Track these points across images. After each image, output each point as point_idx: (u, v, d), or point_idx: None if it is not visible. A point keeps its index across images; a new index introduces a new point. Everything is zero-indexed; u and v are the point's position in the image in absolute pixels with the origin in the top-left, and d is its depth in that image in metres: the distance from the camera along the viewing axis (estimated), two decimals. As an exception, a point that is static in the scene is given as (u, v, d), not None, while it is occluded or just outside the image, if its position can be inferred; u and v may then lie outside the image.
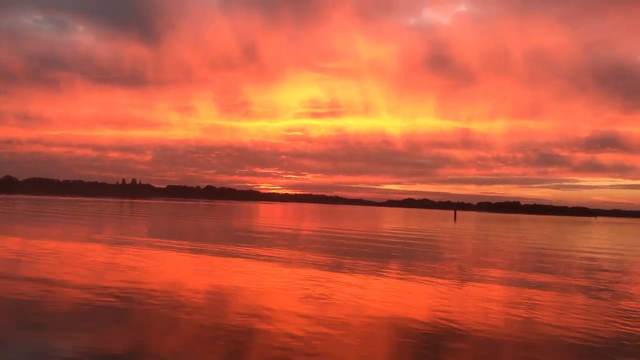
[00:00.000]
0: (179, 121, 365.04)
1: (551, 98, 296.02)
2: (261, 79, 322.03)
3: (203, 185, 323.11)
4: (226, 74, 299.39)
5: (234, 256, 20.43)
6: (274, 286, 13.92)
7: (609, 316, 11.84)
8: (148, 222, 43.78)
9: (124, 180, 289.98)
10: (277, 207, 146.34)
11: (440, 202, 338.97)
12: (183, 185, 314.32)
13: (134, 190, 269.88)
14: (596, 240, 46.49)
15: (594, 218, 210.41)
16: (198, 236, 30.14)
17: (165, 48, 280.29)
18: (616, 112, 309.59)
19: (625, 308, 12.93)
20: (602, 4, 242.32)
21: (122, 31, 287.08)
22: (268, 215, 75.72)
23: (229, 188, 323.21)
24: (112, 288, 12.59)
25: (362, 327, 9.81)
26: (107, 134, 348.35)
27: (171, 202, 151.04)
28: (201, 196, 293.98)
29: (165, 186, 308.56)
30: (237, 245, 24.86)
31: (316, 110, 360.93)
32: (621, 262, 25.74)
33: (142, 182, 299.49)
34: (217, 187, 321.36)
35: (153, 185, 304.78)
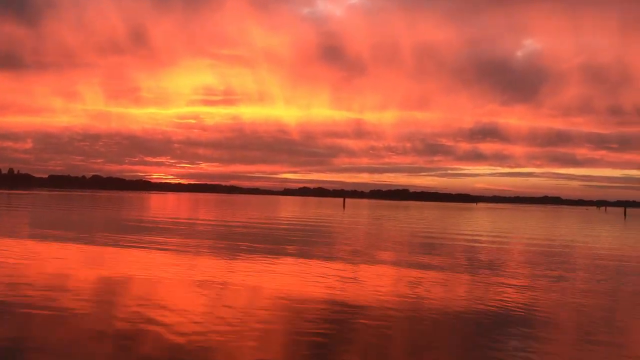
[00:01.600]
0: (63, 107, 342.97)
1: (437, 91, 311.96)
2: (151, 64, 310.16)
3: (90, 175, 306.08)
4: (113, 58, 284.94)
5: (125, 247, 19.65)
6: (168, 276, 13.58)
7: (488, 292, 12.79)
8: (26, 214, 40.82)
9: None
10: (170, 198, 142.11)
11: (334, 190, 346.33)
12: (67, 175, 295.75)
13: (10, 181, 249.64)
14: (477, 224, 49.84)
15: (475, 204, 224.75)
16: (85, 228, 28.61)
17: (45, 29, 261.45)
18: (496, 104, 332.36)
19: (502, 283, 14.03)
20: (484, 2, 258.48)
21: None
22: (161, 206, 73.38)
23: (117, 178, 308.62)
24: (-12, 283, 11.66)
25: (260, 313, 9.86)
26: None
27: (54, 193, 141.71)
28: (87, 186, 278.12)
29: (47, 176, 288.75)
30: (128, 236, 23.92)
31: (210, 98, 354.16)
32: (499, 243, 27.82)
33: (20, 172, 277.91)
34: (105, 176, 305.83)
35: (33, 175, 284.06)
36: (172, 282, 12.78)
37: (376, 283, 13.45)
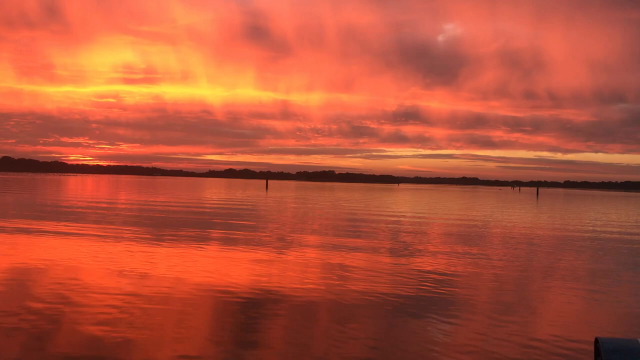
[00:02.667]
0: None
1: (362, 73, 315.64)
2: (66, 40, 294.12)
3: (3, 156, 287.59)
4: (24, 32, 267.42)
5: (39, 233, 18.66)
6: (85, 262, 13.03)
7: (409, 269, 13.18)
8: None
9: None
10: (89, 180, 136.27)
11: (261, 172, 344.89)
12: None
13: None
14: (399, 205, 51.19)
15: (397, 185, 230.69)
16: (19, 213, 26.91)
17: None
18: (418, 87, 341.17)
19: (423, 261, 14.50)
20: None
21: None
22: (78, 189, 70.22)
23: (30, 159, 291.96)
24: None
25: (182, 299, 9.65)
26: None
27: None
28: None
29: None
30: (42, 221, 22.73)
31: (130, 76, 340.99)
32: (420, 223, 28.71)
33: None
34: (16, 158, 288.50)
35: None
36: (89, 270, 12.27)
37: (300, 267, 13.53)
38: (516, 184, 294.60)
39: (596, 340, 2.00)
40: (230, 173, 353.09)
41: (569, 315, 9.26)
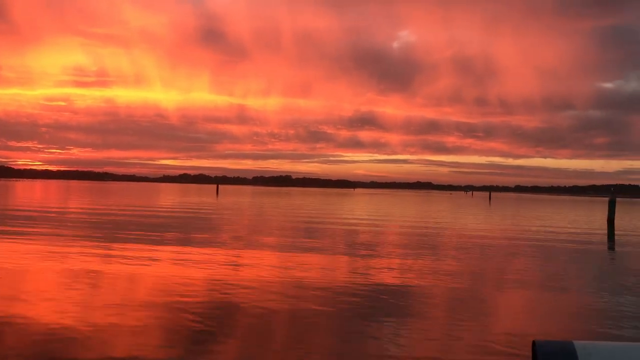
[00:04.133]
0: None
1: (319, 78, 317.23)
2: (13, 40, 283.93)
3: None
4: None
5: (-19, 240, 17.85)
6: (35, 267, 12.53)
7: (364, 274, 13.23)
8: None
9: None
10: (37, 185, 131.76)
11: (216, 177, 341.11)
12: None
13: None
14: (354, 209, 51.56)
15: (353, 190, 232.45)
16: None
17: None
18: (373, 93, 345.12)
19: (378, 265, 14.59)
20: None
21: None
22: (26, 194, 67.77)
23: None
24: None
25: (136, 309, 9.39)
26: None
27: None
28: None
29: None
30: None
31: (81, 79, 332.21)
32: (374, 226, 28.96)
33: None
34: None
35: None
36: (40, 273, 11.82)
37: (255, 271, 13.40)
38: (469, 188, 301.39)
39: (533, 343, 2.04)
40: (184, 178, 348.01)
41: (516, 318, 9.50)
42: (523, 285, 12.42)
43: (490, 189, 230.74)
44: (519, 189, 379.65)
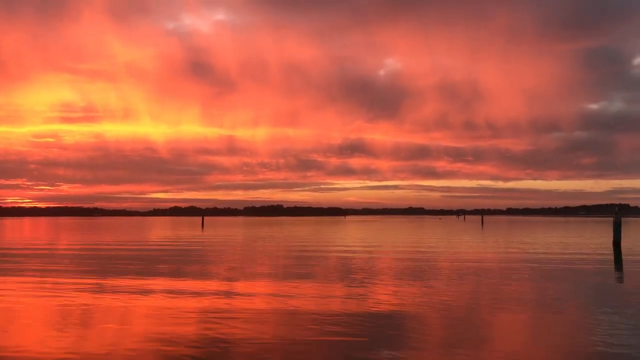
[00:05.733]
0: None
1: (307, 107, 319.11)
2: (0, 79, 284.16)
3: None
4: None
5: (-31, 280, 17.54)
6: (24, 305, 12.27)
7: (358, 301, 13.09)
8: None
9: None
10: (26, 223, 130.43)
11: (207, 208, 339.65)
12: None
13: None
14: (345, 237, 51.32)
15: (344, 217, 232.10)
16: None
17: None
18: (362, 121, 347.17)
19: (371, 291, 14.45)
20: (345, 22, 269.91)
21: None
22: (14, 233, 67.01)
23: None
24: None
25: (130, 342, 9.20)
26: None
27: None
28: None
29: None
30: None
31: (69, 115, 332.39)
32: (367, 253, 28.77)
33: None
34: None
35: None
36: (28, 311, 11.58)
37: (246, 301, 13.23)
38: (461, 212, 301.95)
39: None
40: (175, 211, 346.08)
41: (515, 345, 9.39)
42: (522, 312, 12.31)
43: (482, 212, 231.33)
44: (511, 211, 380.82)
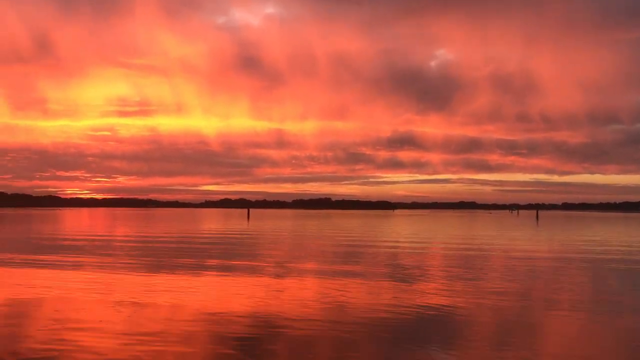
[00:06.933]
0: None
1: (355, 100, 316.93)
2: (59, 74, 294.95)
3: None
4: (16, 67, 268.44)
5: (36, 266, 18.31)
6: (82, 296, 12.71)
7: (409, 296, 12.89)
8: None
9: None
10: (84, 214, 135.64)
11: (257, 201, 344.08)
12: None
13: None
14: (395, 231, 50.84)
15: (392, 211, 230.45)
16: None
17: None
18: (412, 113, 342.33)
19: (422, 287, 14.20)
20: (395, 13, 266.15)
21: None
22: (73, 223, 69.74)
23: (23, 194, 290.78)
24: None
25: (180, 332, 9.36)
26: None
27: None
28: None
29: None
30: (38, 255, 22.37)
31: (125, 109, 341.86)
32: (417, 252, 28.38)
33: None
34: (10, 193, 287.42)
35: None
36: (88, 302, 11.98)
37: (297, 300, 13.22)
38: (515, 207, 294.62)
39: None
40: (226, 203, 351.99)
41: (570, 347, 9.01)
42: (579, 311, 11.83)
43: (536, 207, 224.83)
44: (567, 206, 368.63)
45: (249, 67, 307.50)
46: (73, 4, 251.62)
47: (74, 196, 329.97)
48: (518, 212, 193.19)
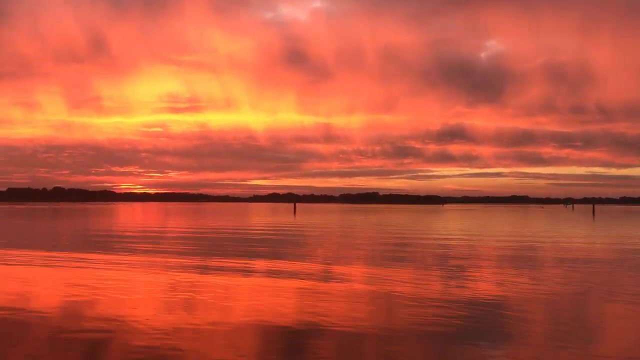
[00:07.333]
0: (23, 118, 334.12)
1: (404, 93, 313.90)
2: (112, 72, 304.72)
3: (52, 187, 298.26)
4: (73, 67, 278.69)
5: (87, 264, 18.96)
6: (132, 294, 13.00)
7: (459, 299, 12.61)
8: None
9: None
10: (137, 208, 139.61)
11: (304, 195, 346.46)
12: (27, 187, 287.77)
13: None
14: (446, 226, 50.08)
15: (442, 205, 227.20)
16: (45, 244, 27.63)
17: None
18: (462, 106, 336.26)
19: (474, 282, 13.89)
20: (444, 5, 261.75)
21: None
22: (127, 217, 71.90)
23: (80, 189, 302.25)
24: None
25: (229, 331, 9.44)
26: None
27: (16, 206, 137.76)
28: (50, 199, 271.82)
29: (5, 189, 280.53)
30: (90, 252, 23.15)
31: (175, 105, 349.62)
32: (469, 246, 27.85)
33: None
34: (67, 188, 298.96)
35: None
36: (141, 286, 12.26)
37: (345, 296, 13.15)
38: (569, 201, 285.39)
39: None
40: (274, 197, 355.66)
41: (630, 345, 8.59)
42: (638, 303, 11.30)
43: (592, 201, 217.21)
44: (626, 200, 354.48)
45: (296, 62, 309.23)
46: (124, 3, 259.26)
47: (128, 191, 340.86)
48: (573, 207, 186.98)
